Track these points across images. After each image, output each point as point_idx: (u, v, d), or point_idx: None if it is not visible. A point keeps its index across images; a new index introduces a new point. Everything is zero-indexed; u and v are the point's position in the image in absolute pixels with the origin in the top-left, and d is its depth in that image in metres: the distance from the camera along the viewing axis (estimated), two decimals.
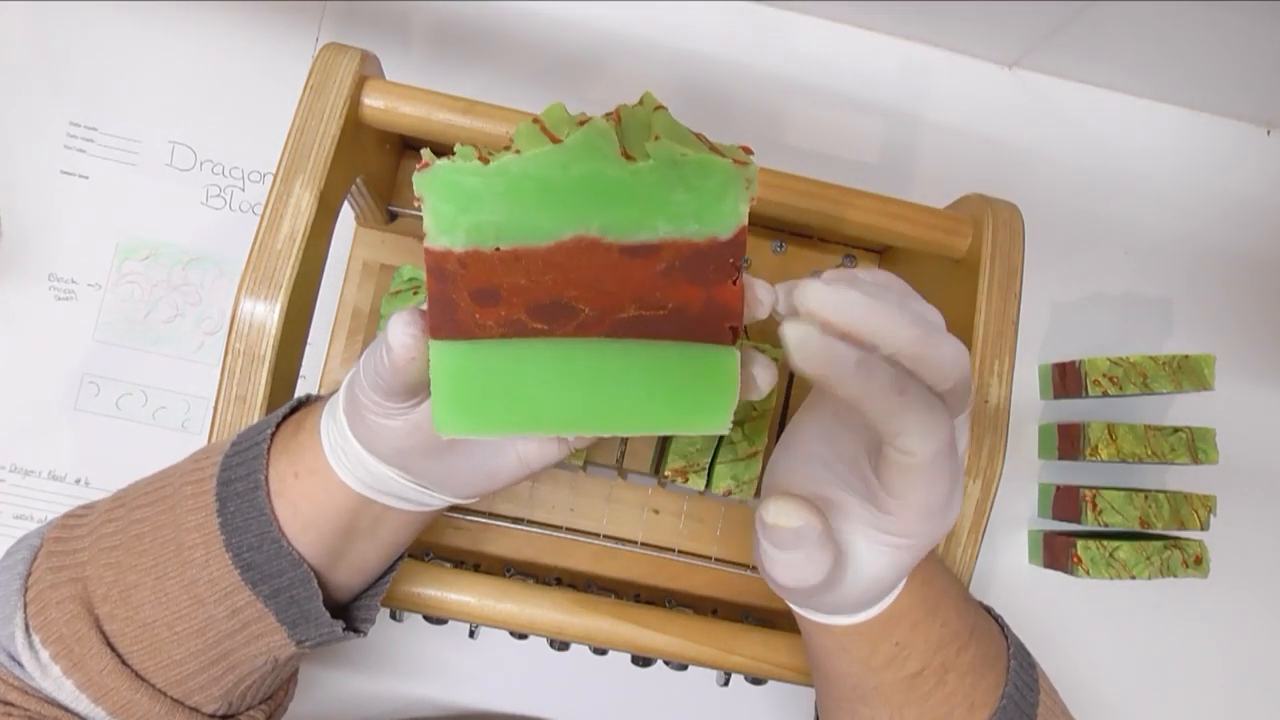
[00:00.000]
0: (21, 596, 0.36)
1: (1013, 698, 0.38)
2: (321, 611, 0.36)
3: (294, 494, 0.36)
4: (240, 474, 0.36)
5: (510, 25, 0.67)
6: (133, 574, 0.35)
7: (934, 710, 0.37)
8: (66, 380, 0.62)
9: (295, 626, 0.37)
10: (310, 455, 0.36)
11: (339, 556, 0.37)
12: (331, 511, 0.36)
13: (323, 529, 0.36)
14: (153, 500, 0.37)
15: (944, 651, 0.37)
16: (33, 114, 0.63)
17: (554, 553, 0.60)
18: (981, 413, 0.46)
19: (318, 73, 0.45)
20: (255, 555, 0.35)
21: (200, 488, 0.36)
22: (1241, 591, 0.68)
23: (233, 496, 0.35)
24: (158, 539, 0.36)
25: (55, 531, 0.38)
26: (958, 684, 0.37)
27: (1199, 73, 0.67)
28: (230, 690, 0.38)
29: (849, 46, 0.69)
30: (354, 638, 0.39)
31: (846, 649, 0.37)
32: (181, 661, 0.36)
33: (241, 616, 0.36)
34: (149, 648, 0.35)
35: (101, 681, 0.35)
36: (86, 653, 0.35)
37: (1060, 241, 0.70)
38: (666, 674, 0.65)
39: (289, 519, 0.36)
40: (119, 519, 0.37)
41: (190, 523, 0.35)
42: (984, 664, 0.38)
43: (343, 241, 0.62)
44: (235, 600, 0.35)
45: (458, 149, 0.29)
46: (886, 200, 0.49)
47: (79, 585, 0.36)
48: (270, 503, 0.35)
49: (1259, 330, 0.71)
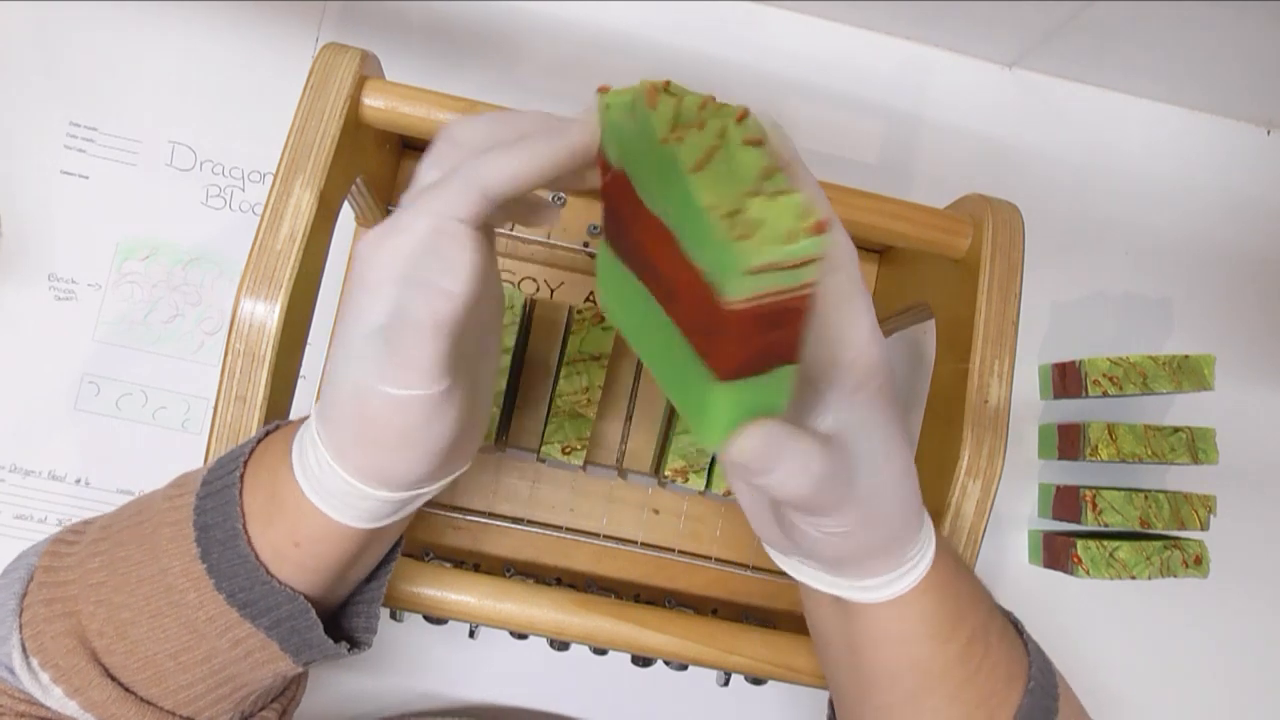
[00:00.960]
0: (17, 619, 0.35)
1: (1039, 665, 0.38)
2: (324, 639, 0.36)
3: (298, 558, 0.35)
4: (216, 519, 0.34)
5: (510, 25, 0.67)
6: (126, 611, 0.35)
7: (983, 685, 0.36)
8: (66, 380, 0.62)
9: (299, 653, 0.36)
10: (304, 524, 0.34)
11: (342, 579, 0.37)
12: (342, 555, 0.35)
13: (333, 569, 0.36)
14: (135, 537, 0.36)
15: (983, 606, 0.38)
16: (33, 114, 0.63)
17: (554, 553, 0.60)
18: (981, 413, 0.46)
19: (318, 73, 0.45)
20: (248, 595, 0.34)
21: (178, 530, 0.35)
22: (1241, 591, 0.68)
23: (214, 545, 0.34)
24: (145, 578, 0.35)
25: (46, 559, 0.37)
26: (998, 646, 0.37)
27: (1199, 73, 0.67)
28: (240, 703, 0.37)
29: (849, 46, 0.69)
30: (358, 653, 0.39)
31: (915, 624, 0.36)
32: (189, 685, 0.35)
33: (244, 646, 0.35)
34: (153, 677, 0.35)
35: (107, 708, 0.34)
36: (87, 684, 0.34)
37: (1060, 241, 0.70)
38: (666, 674, 0.65)
39: (293, 574, 0.35)
40: (104, 554, 0.36)
41: (175, 567, 0.34)
42: (1007, 629, 0.39)
43: (343, 241, 0.62)
44: (236, 633, 0.35)
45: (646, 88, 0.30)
46: (886, 200, 0.49)
47: (72, 620, 0.35)
48: (256, 555, 0.34)
49: (1259, 330, 0.71)
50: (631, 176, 0.30)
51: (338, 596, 0.38)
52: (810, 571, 0.37)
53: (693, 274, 0.28)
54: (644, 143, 0.29)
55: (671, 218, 0.28)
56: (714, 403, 0.30)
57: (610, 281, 0.35)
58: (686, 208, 0.27)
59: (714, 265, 0.27)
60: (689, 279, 0.28)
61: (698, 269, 0.28)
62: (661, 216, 0.29)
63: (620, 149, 0.30)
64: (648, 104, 0.29)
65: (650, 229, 0.30)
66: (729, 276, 0.26)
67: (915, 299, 0.56)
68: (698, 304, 0.28)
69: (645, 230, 0.30)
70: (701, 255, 0.27)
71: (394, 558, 0.41)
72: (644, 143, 0.29)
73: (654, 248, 0.30)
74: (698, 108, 0.30)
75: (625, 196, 0.31)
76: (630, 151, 0.30)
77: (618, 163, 0.31)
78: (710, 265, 0.27)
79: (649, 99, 0.29)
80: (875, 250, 0.64)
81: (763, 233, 0.26)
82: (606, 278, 0.35)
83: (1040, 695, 0.37)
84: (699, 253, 0.27)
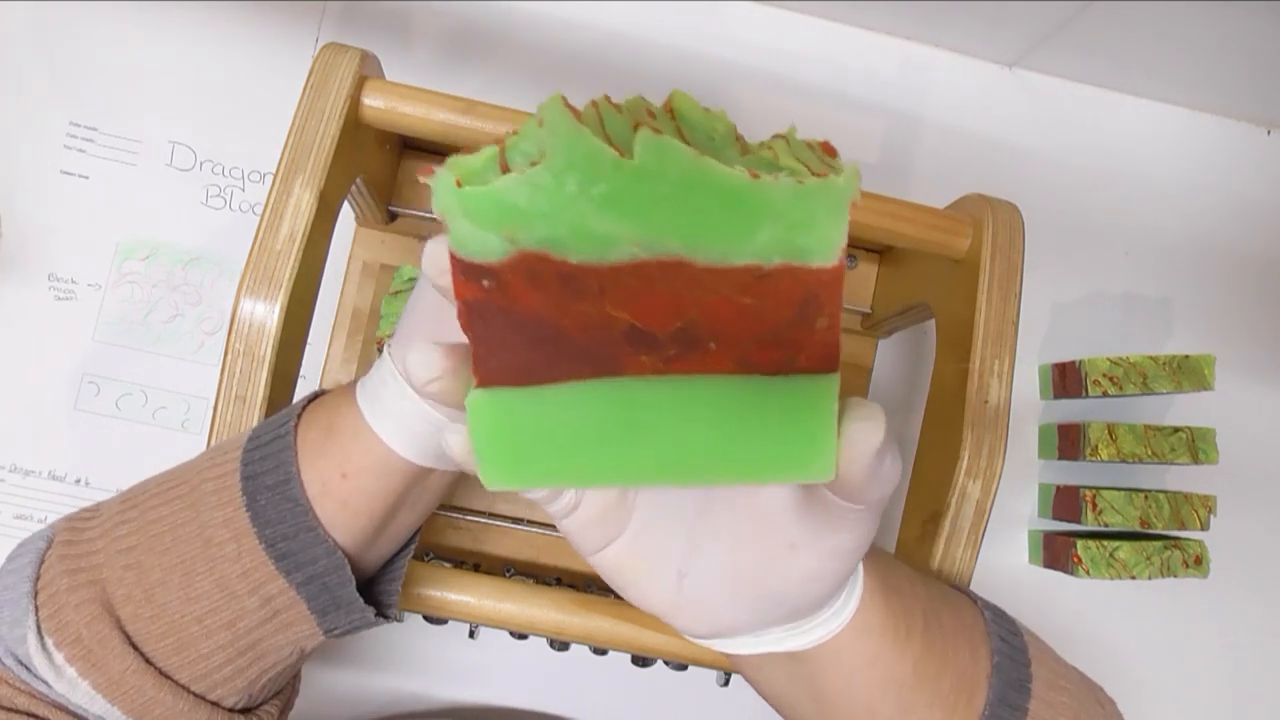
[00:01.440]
0: (32, 600, 0.36)
1: (993, 618, 0.38)
2: (354, 597, 0.37)
3: (343, 492, 0.36)
4: (267, 467, 0.36)
5: (510, 25, 0.67)
6: (156, 572, 0.35)
7: (954, 667, 0.35)
8: (66, 380, 0.62)
9: (326, 614, 0.37)
10: (358, 450, 0.36)
11: (379, 534, 0.38)
12: (385, 494, 0.36)
13: (374, 512, 0.37)
14: (169, 499, 0.37)
15: (917, 580, 0.37)
16: (33, 114, 0.63)
17: (554, 553, 0.60)
18: (982, 413, 0.46)
19: (318, 73, 0.45)
20: (289, 545, 0.35)
21: (223, 483, 0.36)
22: (1241, 591, 0.68)
23: (262, 490, 0.35)
24: (180, 536, 0.36)
25: (64, 535, 0.38)
26: (949, 617, 0.36)
27: (1199, 73, 0.67)
28: (253, 682, 0.38)
29: (849, 46, 0.69)
30: (383, 623, 0.40)
31: (876, 638, 0.33)
32: (209, 654, 0.36)
33: (273, 605, 0.36)
34: (176, 645, 0.35)
35: (123, 681, 0.35)
36: (109, 654, 0.35)
37: (1060, 241, 0.70)
38: (666, 674, 0.65)
39: (335, 513, 0.36)
40: (133, 520, 0.37)
41: (217, 518, 0.35)
42: (945, 592, 0.38)
43: (343, 241, 0.62)
44: (268, 590, 0.35)
45: (475, 153, 0.24)
46: (886, 200, 0.49)
47: (97, 588, 0.35)
48: (305, 495, 0.35)
49: (1259, 330, 0.71)
50: (552, 244, 0.23)
51: (366, 564, 0.39)
52: (776, 635, 0.33)
53: (738, 277, 0.24)
54: (587, 177, 0.22)
55: (674, 235, 0.23)
56: (820, 412, 0.26)
57: (526, 433, 0.26)
58: (708, 206, 0.23)
59: (786, 228, 0.23)
60: (732, 289, 0.24)
61: (745, 265, 0.23)
62: (647, 253, 0.23)
63: (515, 225, 0.23)
64: (563, 138, 0.22)
65: (619, 285, 0.24)
66: (815, 226, 0.23)
67: (915, 299, 0.56)
68: (757, 312, 0.24)
69: (605, 297, 0.24)
70: (753, 237, 0.23)
71: (414, 540, 0.42)
72: (587, 177, 0.22)
73: (641, 302, 0.24)
74: (622, 111, 0.25)
75: (540, 280, 0.24)
76: (544, 213, 0.23)
77: (511, 249, 0.23)
78: (781, 234, 0.23)
79: (575, 122, 0.22)
80: (875, 250, 0.64)
81: (807, 168, 0.23)
82: (511, 435, 0.26)
83: (1008, 660, 0.36)
84: (746, 238, 0.23)
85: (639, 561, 0.31)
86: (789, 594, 0.31)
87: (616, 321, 0.24)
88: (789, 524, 0.30)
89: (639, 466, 0.27)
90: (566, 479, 0.28)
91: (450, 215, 0.23)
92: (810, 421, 0.26)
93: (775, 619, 0.32)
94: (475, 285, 0.24)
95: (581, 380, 0.26)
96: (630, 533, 0.31)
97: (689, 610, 0.32)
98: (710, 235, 0.23)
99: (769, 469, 0.27)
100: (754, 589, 0.31)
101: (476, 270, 0.24)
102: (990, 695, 0.35)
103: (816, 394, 0.26)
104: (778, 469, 0.27)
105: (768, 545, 0.30)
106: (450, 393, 0.28)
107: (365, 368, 0.61)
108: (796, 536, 0.30)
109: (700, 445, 0.26)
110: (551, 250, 0.23)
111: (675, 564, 0.31)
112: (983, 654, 0.36)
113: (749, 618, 0.32)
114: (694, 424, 0.26)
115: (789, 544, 0.30)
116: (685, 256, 0.23)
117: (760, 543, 0.30)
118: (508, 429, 0.26)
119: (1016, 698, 0.35)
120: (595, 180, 0.22)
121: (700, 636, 0.33)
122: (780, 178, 0.23)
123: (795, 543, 0.30)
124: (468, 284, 0.24)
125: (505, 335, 0.25)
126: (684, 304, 0.24)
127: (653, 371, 0.26)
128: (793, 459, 0.26)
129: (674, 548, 0.31)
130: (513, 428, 0.26)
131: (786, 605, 0.31)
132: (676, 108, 0.26)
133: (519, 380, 0.26)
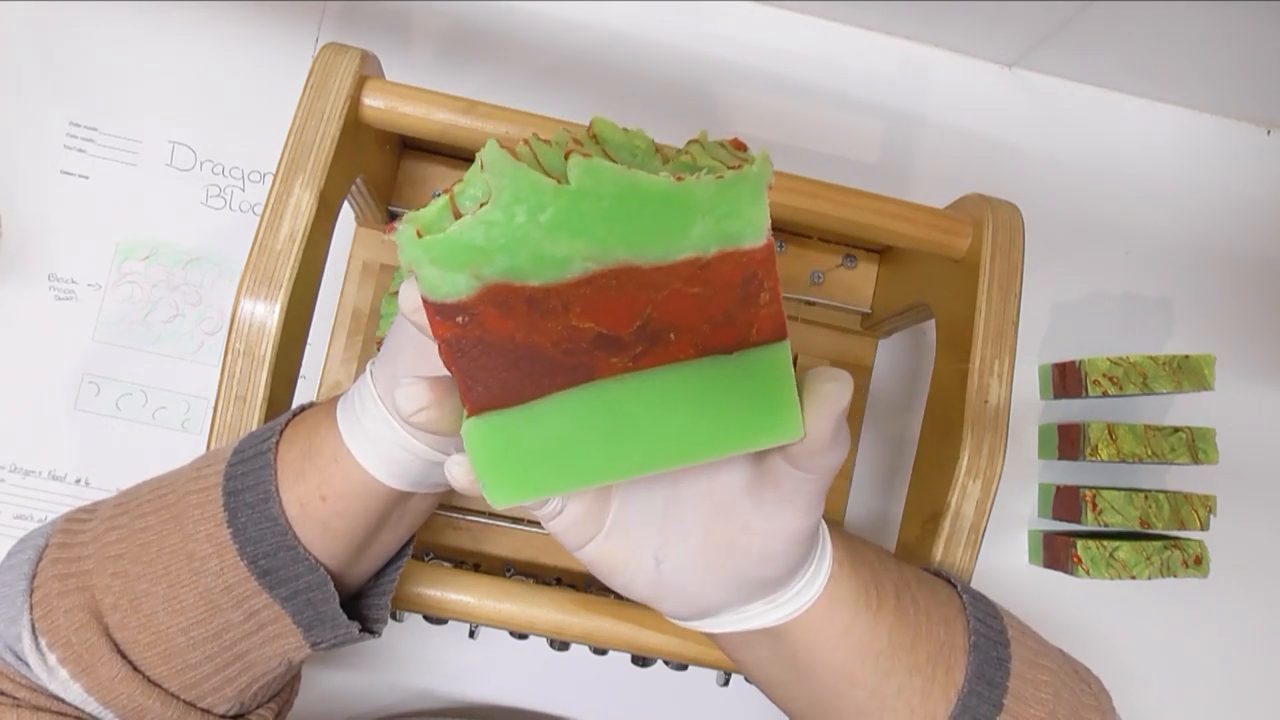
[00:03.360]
0: (27, 599, 0.36)
1: (968, 597, 0.38)
2: (338, 613, 0.37)
3: (322, 515, 0.36)
4: (248, 484, 0.36)
5: (510, 25, 0.67)
6: (142, 583, 0.35)
7: (928, 636, 0.36)
8: (66, 380, 0.62)
9: (311, 629, 0.37)
10: (338, 474, 0.35)
11: (362, 553, 0.38)
12: (365, 517, 0.36)
13: (354, 535, 0.36)
14: (156, 509, 0.37)
15: (888, 559, 0.37)
16: (33, 114, 0.63)
17: (554, 553, 0.60)
18: (981, 413, 0.46)
19: (318, 73, 0.45)
20: (271, 562, 0.35)
21: (206, 497, 0.36)
22: (1241, 591, 0.68)
23: (243, 508, 0.35)
24: (165, 548, 0.35)
25: (59, 537, 0.38)
26: (923, 592, 0.37)
27: (1199, 73, 0.67)
28: (244, 690, 0.38)
29: (849, 46, 0.69)
30: (368, 639, 0.39)
31: (849, 609, 0.35)
32: (197, 664, 0.36)
33: (258, 619, 0.36)
34: (163, 654, 0.35)
35: (112, 687, 0.35)
36: (96, 660, 0.35)
37: (1060, 241, 0.70)
38: (666, 674, 0.65)
39: (315, 535, 0.36)
40: (122, 527, 0.37)
41: (200, 533, 0.35)
42: (919, 574, 0.39)
43: (343, 241, 0.62)
44: (252, 604, 0.35)
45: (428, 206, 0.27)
46: (886, 200, 0.49)
47: (86, 594, 0.35)
48: (285, 516, 0.35)
49: (1259, 330, 0.71)
50: (513, 273, 0.26)
51: (351, 580, 0.39)
52: (756, 609, 0.35)
53: (682, 271, 0.27)
54: (533, 206, 0.25)
55: (618, 244, 0.26)
56: (778, 377, 0.28)
57: (521, 449, 0.29)
58: (642, 213, 0.26)
59: (716, 219, 0.26)
60: (679, 282, 0.27)
61: (686, 258, 0.27)
62: (598, 265, 0.26)
63: (478, 262, 0.26)
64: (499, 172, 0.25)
65: (580, 298, 0.27)
66: (740, 212, 0.26)
67: (915, 299, 0.56)
68: (705, 299, 0.27)
69: (570, 311, 0.27)
70: (688, 233, 0.26)
71: (405, 554, 0.41)
72: (533, 206, 0.25)
73: (602, 310, 0.27)
74: (551, 144, 0.28)
75: (508, 307, 0.26)
76: (501, 246, 0.26)
77: (477, 284, 0.26)
78: (711, 226, 0.26)
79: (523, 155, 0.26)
80: (875, 250, 0.64)
81: (723, 164, 0.27)
82: (507, 454, 0.29)
83: (985, 639, 0.37)
84: (684, 234, 0.26)
85: (619, 552, 0.33)
86: (752, 572, 0.33)
87: (584, 332, 0.27)
88: (745, 508, 0.32)
89: (627, 460, 0.29)
90: (564, 484, 0.29)
91: (417, 264, 0.25)
92: (771, 387, 0.29)
93: (749, 595, 0.34)
94: (450, 323, 0.26)
95: (562, 391, 0.28)
96: (609, 527, 0.33)
97: (670, 593, 0.34)
98: (650, 238, 0.26)
99: (744, 438, 0.29)
100: (723, 569, 0.33)
101: (449, 309, 0.26)
102: (969, 670, 0.35)
103: (772, 362, 0.28)
104: (751, 437, 0.29)
105: (726, 528, 0.32)
106: (436, 421, 0.29)
107: (365, 368, 0.61)
108: (751, 519, 0.32)
109: (679, 429, 0.29)
110: (514, 278, 0.26)
111: (652, 552, 0.33)
112: (959, 630, 0.37)
113: (725, 595, 0.34)
114: (670, 410, 0.29)
115: (744, 526, 0.32)
116: (633, 261, 0.26)
117: (720, 526, 0.33)
118: (503, 449, 0.29)
119: (995, 674, 0.36)
120: (541, 208, 0.25)
121: (685, 619, 0.35)
122: (701, 176, 0.26)
123: (750, 525, 0.32)
124: (443, 323, 0.26)
125: (486, 363, 0.27)
126: (640, 304, 0.27)
127: (624, 370, 0.28)
128: (763, 425, 0.29)
129: (649, 537, 0.33)
130: (508, 447, 0.29)
131: (754, 581, 0.33)
132: (599, 133, 0.30)
133: (506, 402, 0.28)
